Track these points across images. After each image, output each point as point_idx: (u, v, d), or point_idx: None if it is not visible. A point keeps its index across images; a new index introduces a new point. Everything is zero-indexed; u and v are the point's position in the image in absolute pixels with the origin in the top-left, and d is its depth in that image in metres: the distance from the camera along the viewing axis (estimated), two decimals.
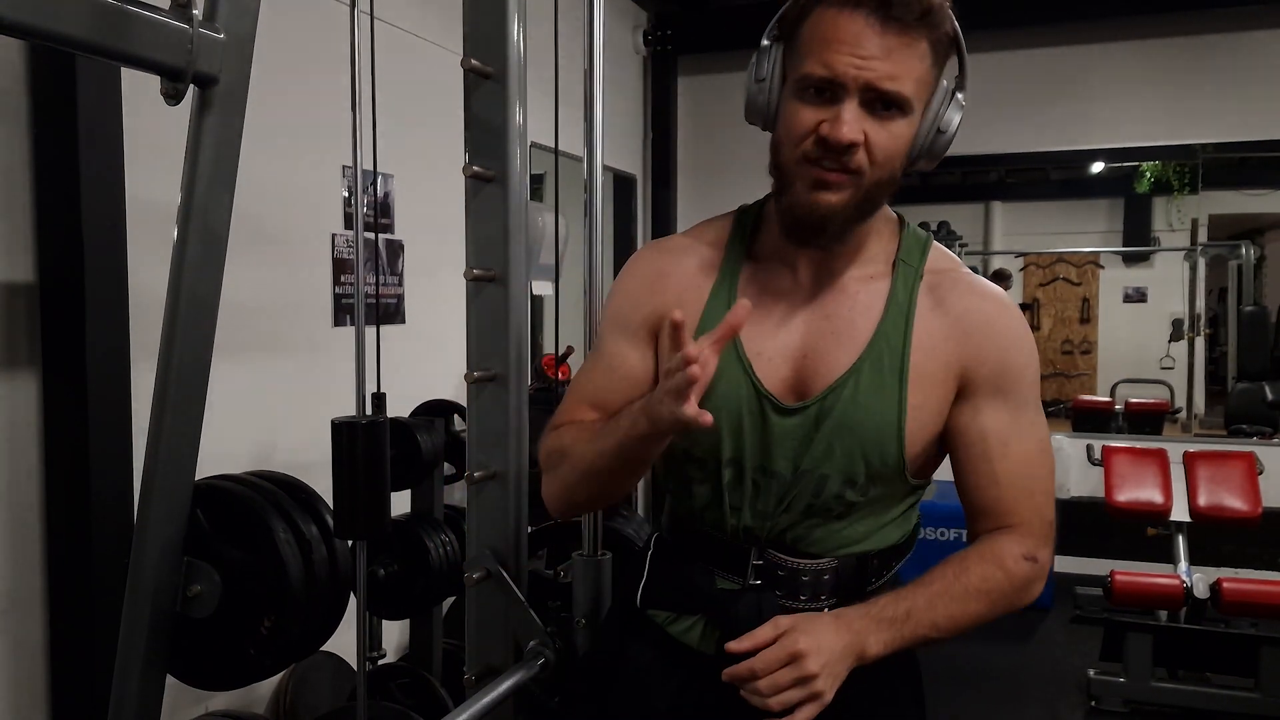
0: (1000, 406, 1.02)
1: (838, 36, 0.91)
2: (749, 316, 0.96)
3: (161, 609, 1.47)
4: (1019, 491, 1.03)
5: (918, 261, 1.04)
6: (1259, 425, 5.47)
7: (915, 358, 1.00)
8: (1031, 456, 1.04)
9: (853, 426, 1.00)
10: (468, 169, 1.46)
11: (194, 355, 1.43)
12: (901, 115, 0.94)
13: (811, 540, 1.05)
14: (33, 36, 1.16)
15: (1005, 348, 1.03)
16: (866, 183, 0.95)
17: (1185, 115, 4.47)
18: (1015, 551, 1.03)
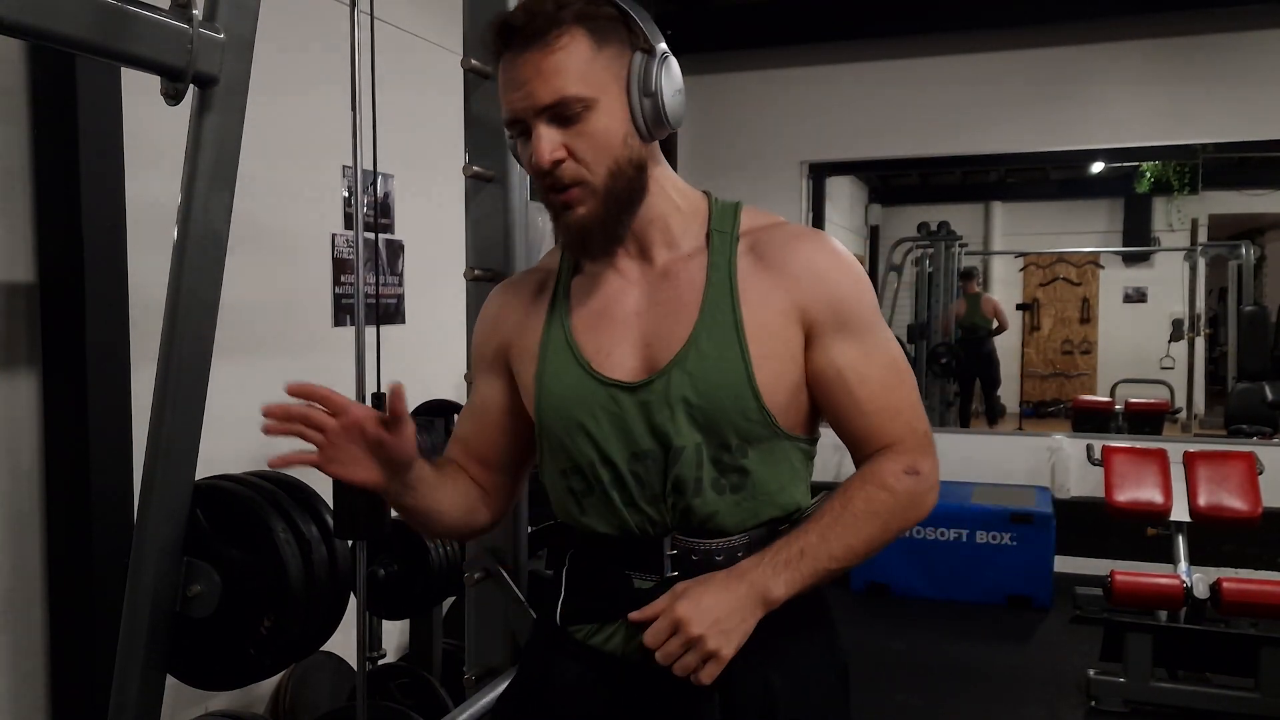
0: (847, 338, 1.04)
1: (503, 80, 0.99)
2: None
3: (161, 609, 1.47)
4: (885, 413, 1.05)
5: (730, 227, 1.07)
6: (1259, 425, 5.46)
7: (748, 313, 1.02)
8: (888, 378, 1.05)
9: (705, 390, 1.01)
10: (468, 169, 1.46)
11: (194, 355, 1.43)
12: (588, 111, 0.97)
13: (717, 518, 1.04)
14: (33, 36, 1.17)
15: (834, 281, 1.04)
16: (598, 183, 0.99)
17: (1185, 115, 4.47)
18: (894, 468, 1.04)
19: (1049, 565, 4.12)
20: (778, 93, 4.91)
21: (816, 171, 5.16)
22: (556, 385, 1.07)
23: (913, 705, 3.17)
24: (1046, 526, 4.11)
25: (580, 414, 1.05)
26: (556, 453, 1.08)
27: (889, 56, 4.76)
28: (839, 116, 4.81)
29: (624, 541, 1.07)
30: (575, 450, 1.06)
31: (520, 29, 0.97)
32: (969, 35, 4.65)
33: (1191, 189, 7.61)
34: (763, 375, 1.01)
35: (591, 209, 1.00)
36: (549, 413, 1.07)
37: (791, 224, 1.10)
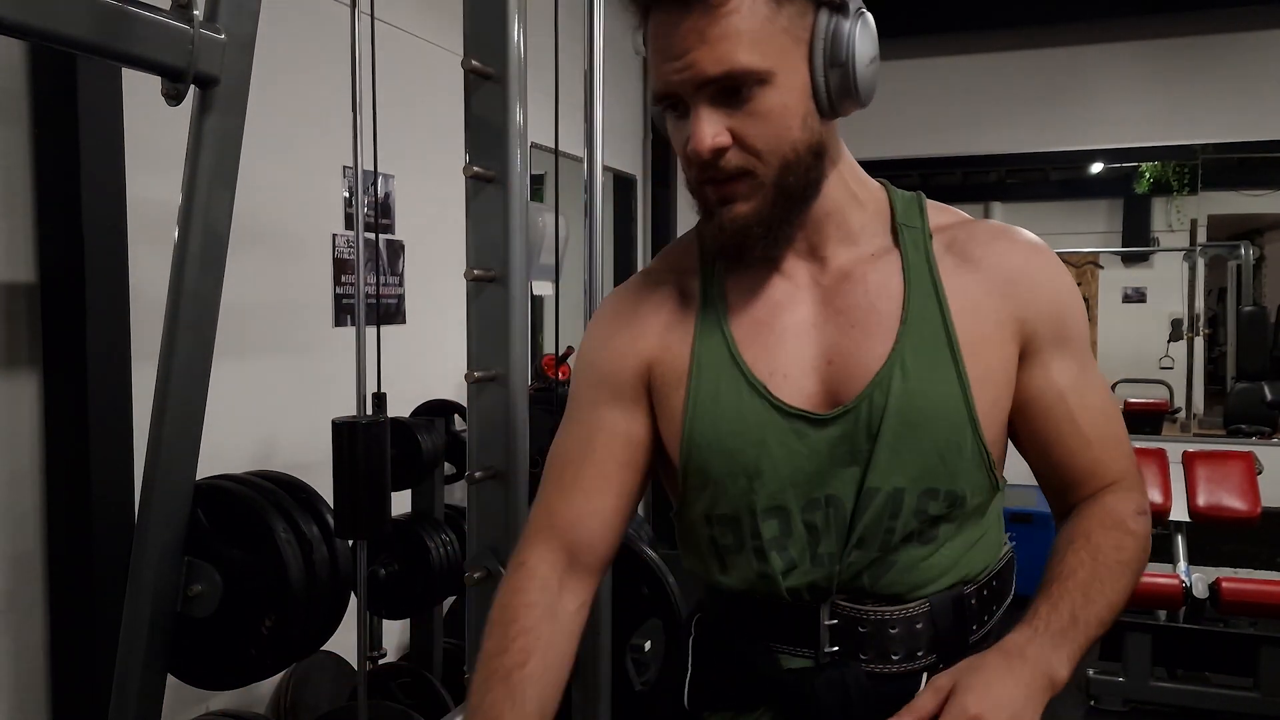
0: (1068, 356, 0.88)
1: (657, 47, 0.81)
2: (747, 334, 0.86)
3: (162, 609, 1.47)
4: (1109, 444, 0.90)
5: (919, 221, 0.89)
6: (1258, 425, 5.47)
7: (960, 323, 0.84)
8: (1108, 405, 0.91)
9: (914, 420, 0.82)
10: (468, 169, 1.46)
11: (194, 355, 1.43)
12: (761, 86, 0.78)
13: (893, 578, 0.84)
14: (33, 37, 1.17)
15: (1057, 292, 0.88)
16: (768, 175, 0.81)
17: (1185, 115, 4.47)
18: (1129, 510, 0.89)
19: None
20: None
21: None
22: (717, 411, 0.85)
23: None
24: (1046, 526, 4.09)
25: (749, 450, 0.84)
26: (706, 497, 0.87)
27: (889, 57, 4.71)
28: None
29: (769, 605, 0.87)
30: (733, 495, 0.85)
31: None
32: (969, 35, 4.66)
33: (1191, 189, 7.61)
34: (982, 400, 0.84)
35: (755, 206, 0.82)
36: (704, 447, 0.85)
37: (982, 220, 0.93)
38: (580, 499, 0.90)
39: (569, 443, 0.92)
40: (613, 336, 0.93)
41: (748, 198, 0.82)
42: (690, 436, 0.86)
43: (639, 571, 1.69)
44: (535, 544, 0.90)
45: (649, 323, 0.91)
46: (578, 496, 0.90)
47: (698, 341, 0.88)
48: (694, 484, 0.88)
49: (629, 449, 0.90)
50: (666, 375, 0.89)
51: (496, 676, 0.83)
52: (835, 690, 0.83)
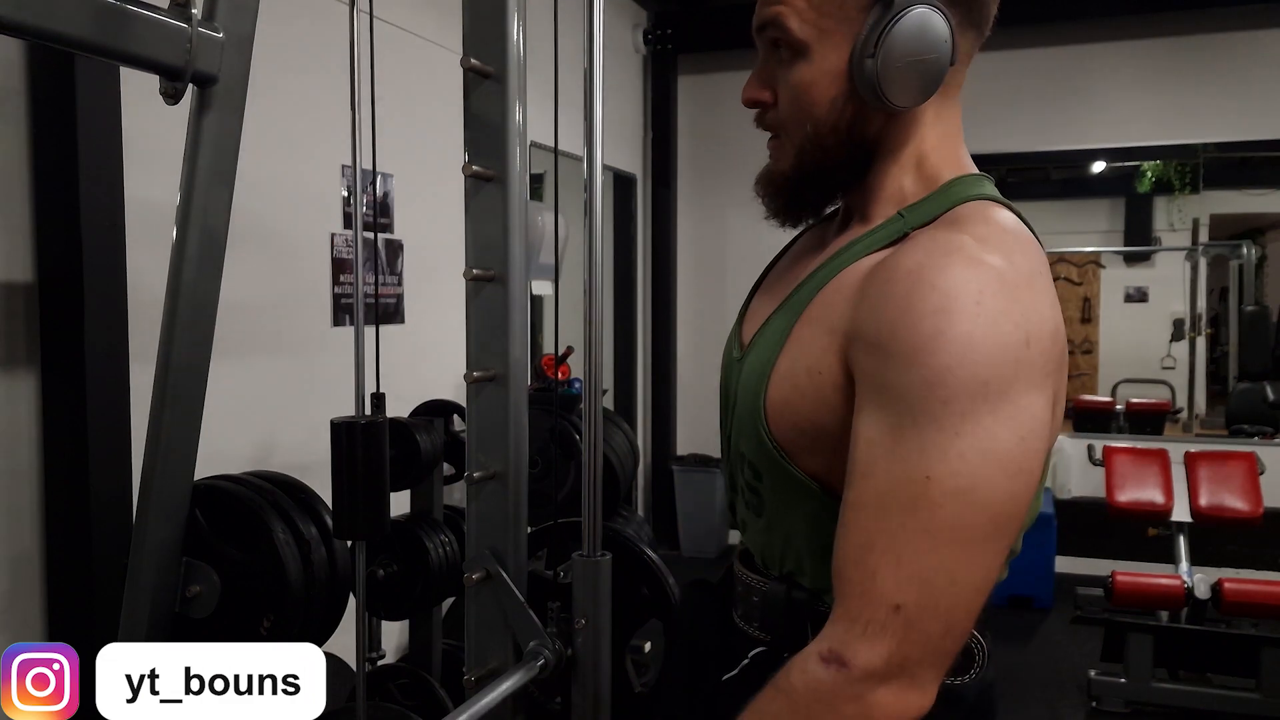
0: (879, 410, 0.69)
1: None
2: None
3: (161, 609, 1.47)
4: (855, 545, 0.68)
5: (924, 215, 0.78)
6: (1260, 425, 5.46)
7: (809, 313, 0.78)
8: (899, 497, 0.66)
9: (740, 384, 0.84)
10: (468, 169, 1.46)
11: (193, 355, 1.42)
12: (796, 57, 0.78)
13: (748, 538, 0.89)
14: (32, 36, 1.16)
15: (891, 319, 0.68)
16: (790, 144, 0.82)
17: (1186, 115, 4.47)
18: (810, 651, 0.70)
19: (1050, 565, 4.11)
20: None
21: None
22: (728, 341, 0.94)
23: None
24: (1047, 527, 4.10)
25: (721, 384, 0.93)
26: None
27: None
28: None
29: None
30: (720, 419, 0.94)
31: None
32: None
33: (1192, 188, 7.60)
34: (773, 396, 0.78)
35: (783, 168, 0.84)
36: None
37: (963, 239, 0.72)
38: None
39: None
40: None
41: (778, 158, 0.84)
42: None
43: (639, 572, 1.68)
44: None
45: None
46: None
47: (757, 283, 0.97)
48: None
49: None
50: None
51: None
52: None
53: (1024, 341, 0.67)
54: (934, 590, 0.67)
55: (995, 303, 0.67)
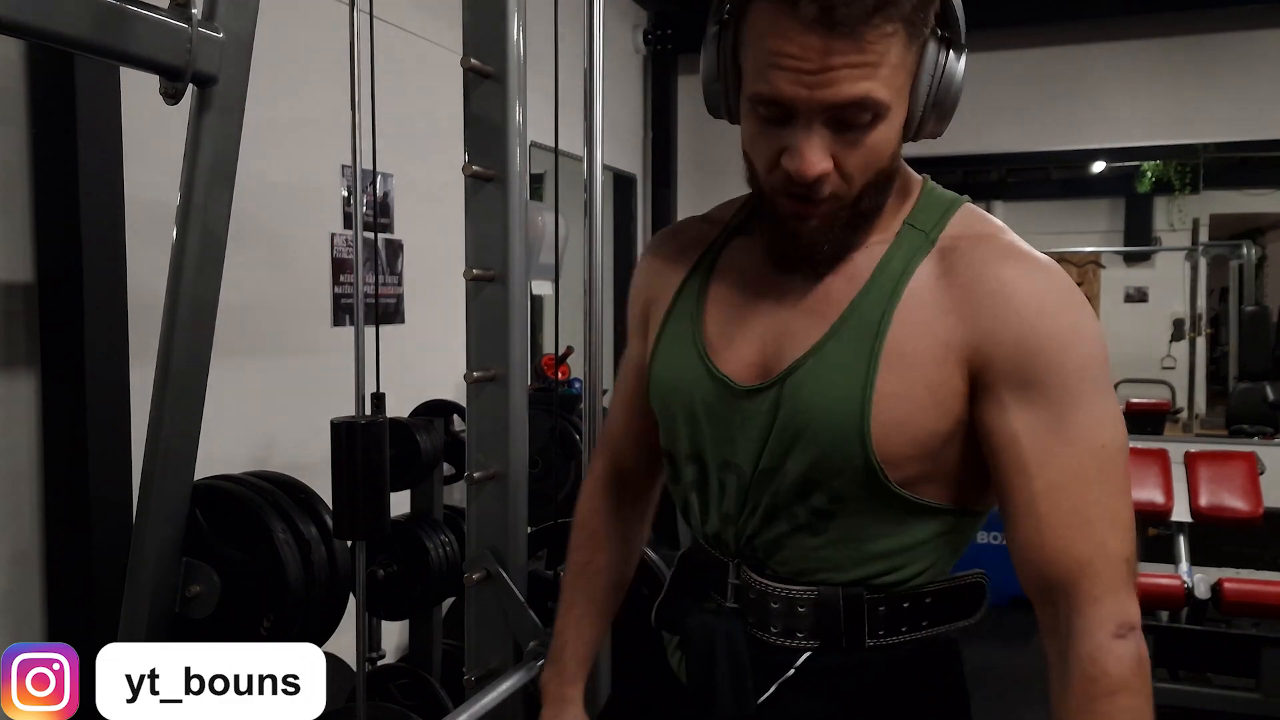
0: (1032, 403, 0.78)
1: (780, 48, 0.76)
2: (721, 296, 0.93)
3: (161, 609, 1.47)
4: (1068, 517, 0.77)
5: (933, 225, 0.85)
6: (1260, 425, 5.46)
7: (896, 334, 0.81)
8: (1086, 469, 0.77)
9: (808, 412, 0.83)
10: (468, 169, 1.46)
11: (193, 355, 1.42)
12: (877, 120, 0.79)
13: (782, 556, 0.88)
14: (32, 36, 1.16)
15: (1032, 322, 0.78)
16: (848, 197, 0.82)
17: (1186, 115, 4.46)
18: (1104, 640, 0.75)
19: None
20: None
21: None
22: (668, 360, 0.94)
23: None
24: None
25: (679, 401, 0.92)
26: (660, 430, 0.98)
27: None
28: None
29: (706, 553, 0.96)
30: (669, 435, 0.95)
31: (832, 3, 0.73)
32: (969, 34, 4.65)
33: (1193, 188, 7.60)
34: (882, 415, 0.80)
35: (828, 223, 0.83)
36: (654, 388, 0.96)
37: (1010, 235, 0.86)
38: (619, 419, 1.07)
39: (620, 370, 1.09)
40: (637, 275, 1.04)
41: (824, 215, 0.83)
42: (650, 376, 0.97)
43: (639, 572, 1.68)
44: (598, 455, 1.10)
45: (663, 264, 1.00)
46: (618, 416, 1.08)
47: (682, 288, 0.96)
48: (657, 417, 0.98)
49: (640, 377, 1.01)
50: (656, 314, 0.98)
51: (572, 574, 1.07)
52: (717, 636, 0.91)
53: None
54: (1133, 532, 0.80)
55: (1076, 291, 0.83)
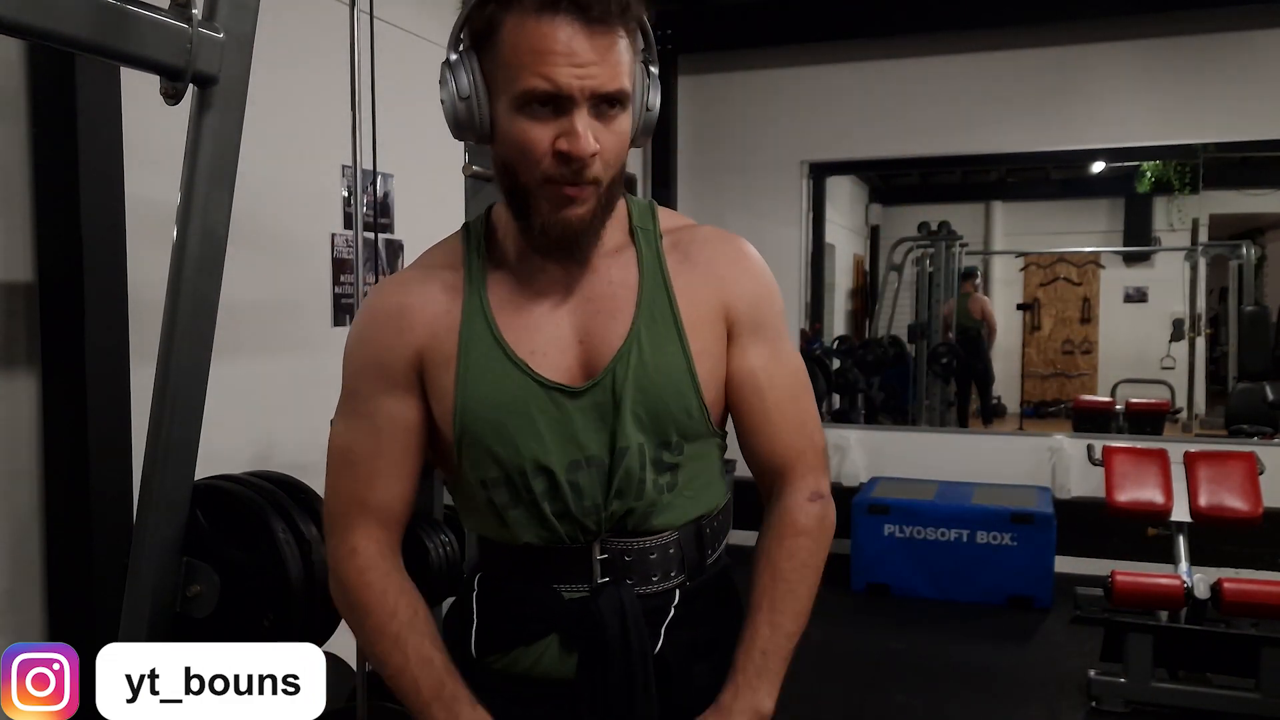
0: (761, 341, 1.04)
1: (550, 48, 0.87)
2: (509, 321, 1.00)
3: (161, 609, 1.47)
4: (790, 423, 1.05)
5: (652, 224, 1.06)
6: (1260, 425, 5.46)
7: (683, 308, 1.01)
8: (795, 386, 1.06)
9: (650, 388, 0.98)
10: (468, 169, 1.46)
11: (194, 355, 1.43)
12: (623, 110, 0.93)
13: (650, 517, 1.01)
14: (33, 36, 1.16)
15: (755, 282, 1.05)
16: (603, 184, 0.95)
17: (1185, 115, 4.46)
18: (799, 502, 1.05)
19: (1050, 565, 4.11)
20: (777, 92, 4.91)
21: (816, 171, 5.15)
22: (485, 386, 0.97)
23: (913, 706, 3.16)
24: (1047, 527, 4.10)
25: (514, 419, 0.97)
26: (479, 463, 0.99)
27: (889, 56, 4.75)
28: (839, 116, 4.81)
29: (548, 551, 1.00)
30: (505, 459, 0.97)
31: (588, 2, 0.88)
32: (969, 35, 4.65)
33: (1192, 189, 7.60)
34: (702, 370, 1.01)
35: (590, 209, 0.95)
36: (475, 418, 0.97)
37: (704, 225, 1.10)
38: (383, 485, 1.02)
39: (357, 435, 1.03)
40: (382, 330, 1.02)
41: (586, 202, 0.94)
42: (462, 409, 0.98)
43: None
44: (356, 530, 1.03)
45: (416, 314, 1.01)
46: (380, 483, 1.02)
47: (464, 326, 1.00)
48: (468, 453, 0.99)
49: (410, 435, 1.02)
50: (435, 359, 1.00)
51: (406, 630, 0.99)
52: (613, 606, 0.98)
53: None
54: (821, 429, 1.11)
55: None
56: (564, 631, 1.00)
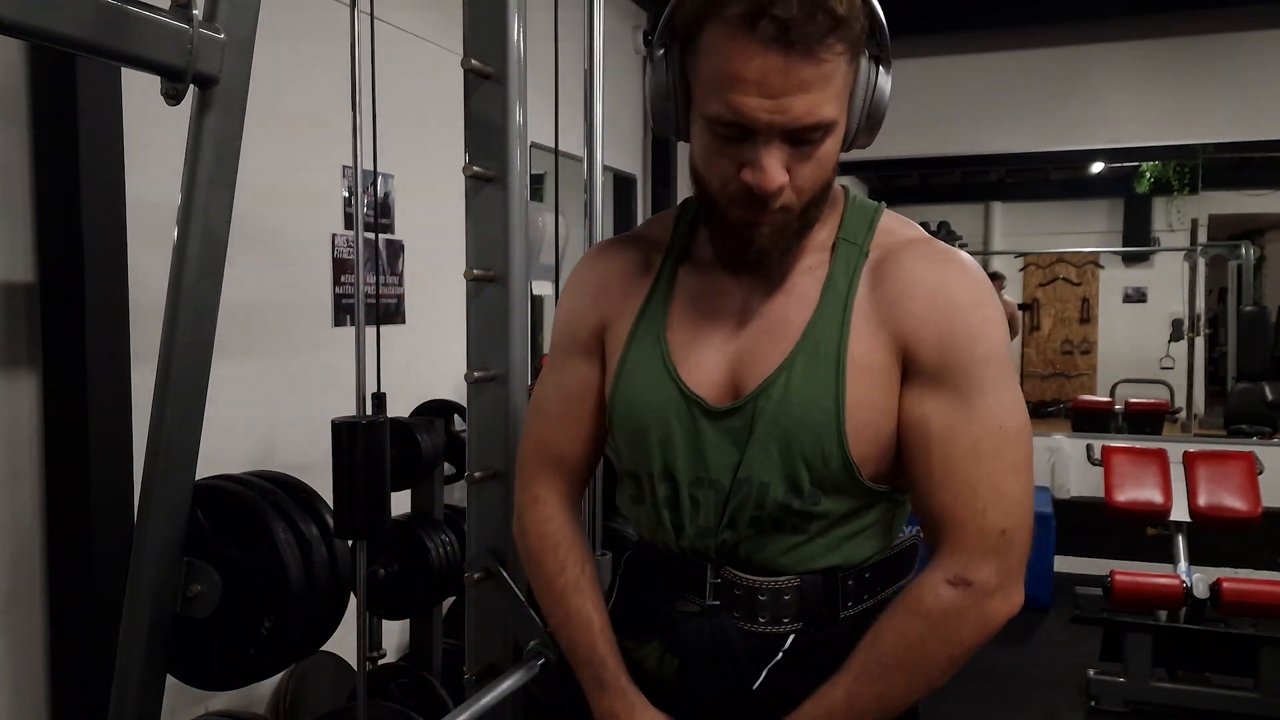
0: (944, 388, 0.88)
1: (741, 74, 0.80)
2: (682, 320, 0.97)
3: (161, 609, 1.47)
4: (960, 487, 0.87)
5: (863, 237, 0.95)
6: (1258, 425, 5.47)
7: (855, 347, 0.90)
8: (982, 445, 0.87)
9: (787, 425, 0.90)
10: (468, 169, 1.46)
11: (194, 355, 1.43)
12: (826, 136, 0.86)
13: (767, 556, 0.95)
14: (33, 36, 1.16)
15: (948, 317, 0.89)
16: (798, 207, 0.89)
17: (1185, 115, 4.47)
18: (935, 581, 0.89)
19: (1049, 565, 4.12)
20: None
21: None
22: (637, 382, 0.98)
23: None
24: (1046, 526, 4.11)
25: (653, 422, 0.96)
26: (622, 452, 1.02)
27: None
28: None
29: (671, 557, 1.00)
30: (637, 456, 0.99)
31: (790, 23, 0.77)
32: (969, 35, 4.66)
33: (1191, 189, 7.61)
34: (854, 421, 0.89)
35: (782, 229, 0.89)
36: (622, 410, 0.99)
37: (932, 241, 0.95)
38: (567, 436, 1.06)
39: (550, 389, 1.08)
40: (579, 295, 1.06)
41: (776, 223, 0.89)
42: (614, 397, 1.00)
43: None
44: (540, 478, 1.08)
45: (611, 285, 1.03)
46: (564, 435, 1.06)
47: (642, 314, 1.00)
48: (617, 439, 1.02)
49: (593, 394, 1.05)
50: (614, 336, 1.02)
51: (570, 589, 1.03)
52: (707, 633, 0.96)
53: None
54: (1024, 512, 0.89)
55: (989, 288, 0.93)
56: (668, 641, 1.01)
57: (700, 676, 0.96)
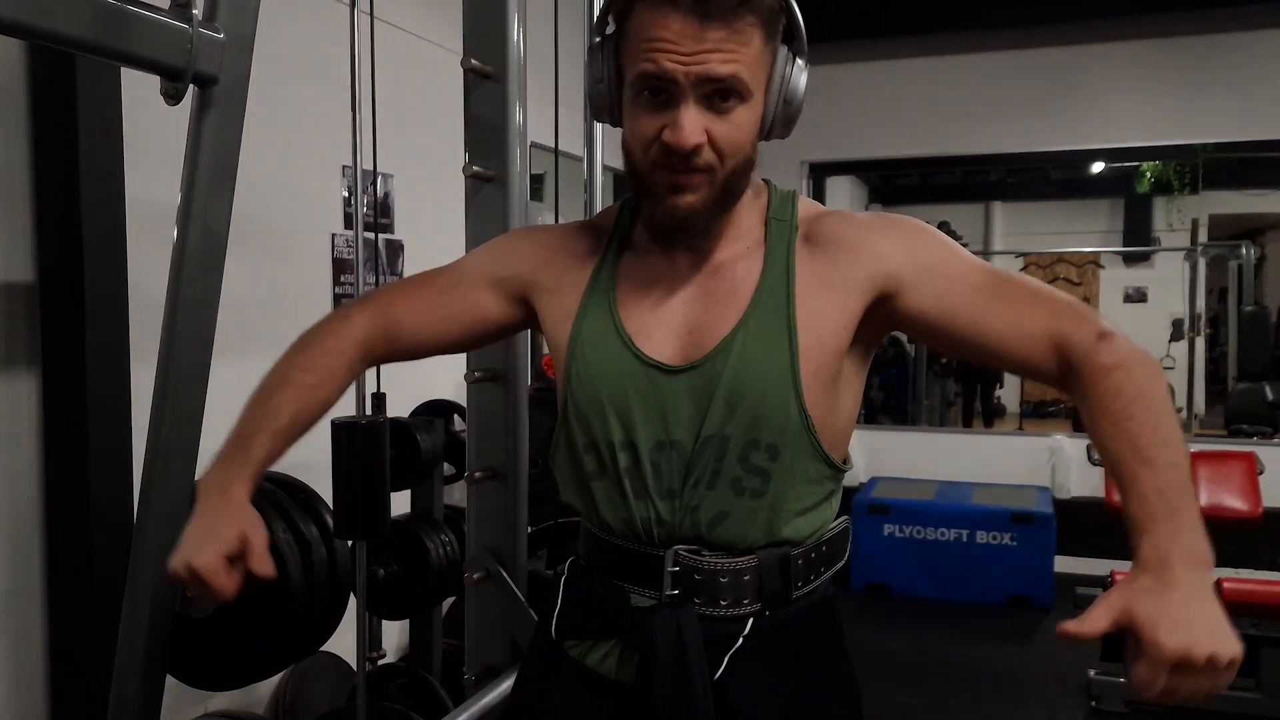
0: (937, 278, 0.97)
1: (660, 35, 0.89)
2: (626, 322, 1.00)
3: (161, 609, 1.47)
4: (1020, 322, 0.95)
5: (790, 215, 1.02)
6: (1259, 425, 5.47)
7: (802, 301, 0.97)
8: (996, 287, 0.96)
9: (746, 379, 0.95)
10: (468, 169, 1.46)
11: (194, 355, 1.42)
12: (741, 102, 0.92)
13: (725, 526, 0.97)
14: (33, 36, 1.16)
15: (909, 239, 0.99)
16: (721, 176, 0.94)
17: (1185, 115, 4.47)
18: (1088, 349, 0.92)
19: (1049, 565, 4.11)
20: None
21: (816, 171, 5.16)
22: (593, 355, 1.00)
23: (913, 705, 3.16)
24: (1047, 526, 4.10)
25: (612, 391, 0.99)
26: (578, 426, 1.02)
27: (889, 56, 4.76)
28: (839, 116, 4.81)
29: (625, 551, 1.01)
30: (597, 427, 1.00)
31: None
32: (969, 35, 4.65)
33: (1192, 189, 7.61)
34: (806, 366, 0.96)
35: (703, 198, 0.94)
36: (581, 382, 1.01)
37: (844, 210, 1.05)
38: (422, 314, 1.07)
39: (442, 275, 1.10)
40: (524, 244, 1.10)
41: (697, 190, 0.94)
42: (571, 370, 1.01)
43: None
44: (365, 313, 1.07)
45: (555, 256, 1.07)
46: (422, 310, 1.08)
47: (589, 290, 1.04)
48: (571, 414, 1.02)
49: (467, 314, 1.07)
50: (554, 309, 1.05)
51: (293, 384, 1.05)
52: (669, 628, 0.96)
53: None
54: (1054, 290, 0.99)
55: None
56: (625, 639, 1.01)
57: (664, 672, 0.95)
